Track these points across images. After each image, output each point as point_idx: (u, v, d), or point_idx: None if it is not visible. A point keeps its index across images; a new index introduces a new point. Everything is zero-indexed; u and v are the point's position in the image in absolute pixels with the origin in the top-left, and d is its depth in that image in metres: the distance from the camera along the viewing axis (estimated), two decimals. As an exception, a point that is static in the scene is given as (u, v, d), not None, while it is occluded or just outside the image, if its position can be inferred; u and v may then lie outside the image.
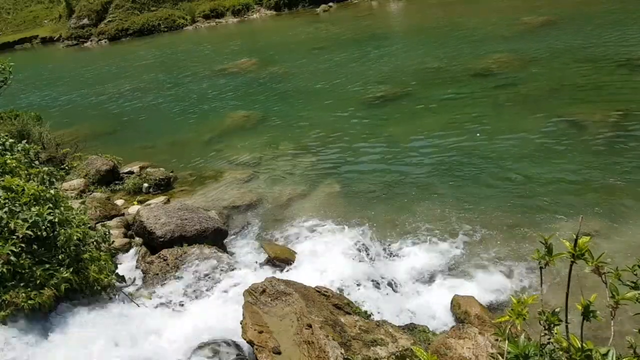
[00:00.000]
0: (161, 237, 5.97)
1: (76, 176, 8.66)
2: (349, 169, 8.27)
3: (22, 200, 4.49)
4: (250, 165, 9.01)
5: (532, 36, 14.18)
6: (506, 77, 11.04)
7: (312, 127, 10.43)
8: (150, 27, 33.57)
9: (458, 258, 5.64)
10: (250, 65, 17.28)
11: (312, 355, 3.66)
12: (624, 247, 5.22)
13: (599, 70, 10.38)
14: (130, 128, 13.06)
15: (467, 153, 7.97)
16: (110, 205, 7.54)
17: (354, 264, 5.53)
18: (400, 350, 3.80)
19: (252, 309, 4.21)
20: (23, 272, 4.14)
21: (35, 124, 10.18)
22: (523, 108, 9.23)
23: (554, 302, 4.39)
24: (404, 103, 10.87)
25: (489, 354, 3.62)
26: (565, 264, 1.71)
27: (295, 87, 13.81)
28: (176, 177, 8.94)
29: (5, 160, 5.47)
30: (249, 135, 10.67)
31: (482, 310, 4.58)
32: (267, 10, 32.09)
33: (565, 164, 7.09)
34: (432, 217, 6.44)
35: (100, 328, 4.29)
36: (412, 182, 7.45)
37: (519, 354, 1.65)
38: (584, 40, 12.63)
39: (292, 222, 6.88)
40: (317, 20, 26.68)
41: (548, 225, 5.80)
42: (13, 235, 4.19)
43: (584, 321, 1.70)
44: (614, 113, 8.18)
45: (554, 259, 1.72)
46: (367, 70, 14.08)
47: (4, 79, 10.06)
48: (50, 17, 41.51)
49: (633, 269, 1.67)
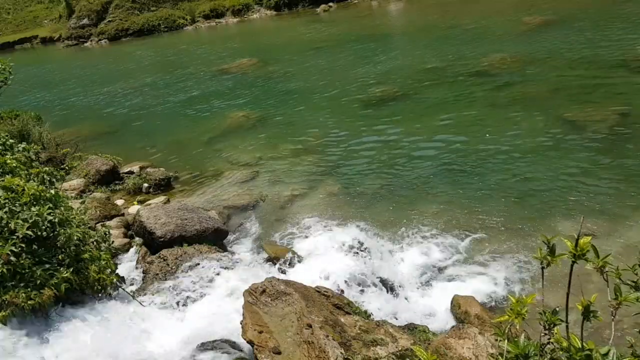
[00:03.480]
0: (161, 237, 5.97)
1: (76, 176, 8.66)
2: (349, 169, 8.27)
3: (22, 200, 4.49)
4: (250, 165, 9.01)
5: (532, 36, 14.17)
6: (506, 77, 11.04)
7: (312, 126, 10.43)
8: (150, 27, 33.58)
9: (458, 258, 5.64)
10: (250, 65, 17.29)
11: (312, 355, 3.66)
12: (624, 247, 5.22)
13: (599, 70, 10.38)
14: (130, 128, 13.06)
15: (466, 153, 7.97)
16: (110, 205, 7.54)
17: (354, 264, 5.53)
18: (400, 350, 3.80)
19: (252, 309, 4.21)
20: (23, 272, 4.14)
21: (35, 124, 10.19)
22: (523, 108, 9.23)
23: (554, 302, 4.40)
24: (403, 103, 10.87)
25: (489, 354, 3.62)
26: (566, 264, 1.71)
27: (295, 87, 13.81)
28: (176, 177, 8.94)
29: (6, 160, 5.47)
30: (249, 135, 10.67)
31: (482, 310, 4.59)
32: (267, 10, 32.09)
33: (565, 164, 7.08)
34: (432, 217, 6.44)
35: (101, 328, 4.29)
36: (411, 182, 7.45)
37: (519, 353, 1.65)
38: (584, 40, 12.62)
39: (292, 222, 6.88)
40: (317, 20, 26.68)
41: (548, 225, 5.80)
42: (13, 235, 4.19)
43: (584, 321, 1.70)
44: (614, 113, 8.18)
45: (556, 259, 1.72)
46: (366, 70, 14.07)
47: (4, 79, 10.06)
48: (50, 17, 41.53)
49: (633, 269, 1.67)
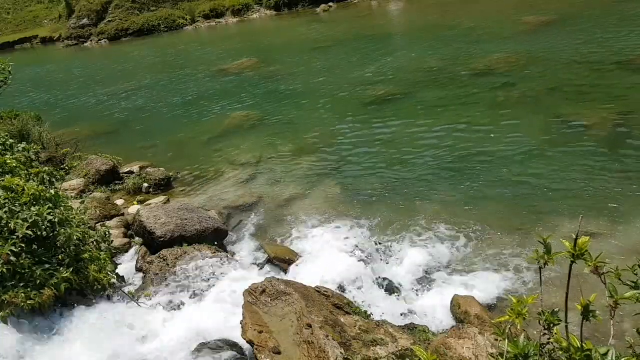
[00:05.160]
0: (161, 237, 5.97)
1: (76, 176, 8.66)
2: (349, 169, 8.27)
3: (22, 200, 4.49)
4: (250, 165, 9.01)
5: (532, 36, 14.16)
6: (506, 77, 11.03)
7: (312, 126, 10.43)
8: (150, 27, 33.57)
9: (458, 258, 5.64)
10: (250, 65, 17.28)
11: (312, 355, 3.66)
12: (624, 247, 5.22)
13: (600, 70, 10.38)
14: (130, 128, 13.06)
15: (466, 153, 7.96)
16: (110, 205, 7.54)
17: (354, 264, 5.53)
18: (400, 350, 3.80)
19: (252, 309, 4.21)
20: (23, 272, 4.14)
21: (35, 124, 10.19)
22: (523, 108, 9.23)
23: (554, 302, 4.40)
24: (404, 103, 10.86)
25: (489, 354, 3.62)
26: (565, 264, 1.71)
27: (295, 87, 13.80)
28: (176, 177, 8.94)
29: (6, 160, 5.47)
30: (249, 135, 10.67)
31: (482, 310, 4.58)
32: (267, 10, 32.08)
33: (564, 164, 7.08)
34: (431, 217, 6.44)
35: (100, 328, 4.29)
36: (411, 182, 7.45)
37: (519, 354, 1.65)
38: (584, 41, 12.61)
39: (292, 222, 6.88)
40: (317, 20, 26.67)
41: (548, 225, 5.80)
42: (13, 235, 4.19)
43: (584, 321, 1.70)
44: (614, 113, 8.18)
45: (553, 259, 1.72)
46: (366, 70, 14.07)
47: (4, 79, 10.06)
48: (50, 17, 41.54)
49: (633, 269, 1.67)
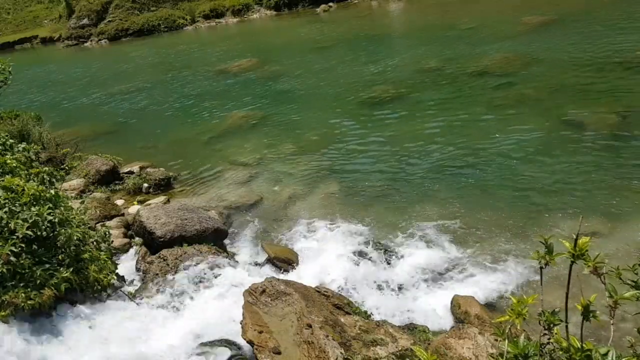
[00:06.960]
0: (161, 237, 5.97)
1: (76, 176, 8.66)
2: (349, 169, 8.27)
3: (22, 200, 4.49)
4: (250, 165, 9.01)
5: (532, 36, 14.17)
6: (506, 77, 11.03)
7: (312, 127, 10.43)
8: (150, 27, 33.59)
9: (458, 258, 5.64)
10: (250, 66, 17.29)
11: (312, 355, 3.66)
12: (625, 247, 5.22)
13: (600, 70, 10.38)
14: (130, 128, 13.06)
15: (466, 153, 7.96)
16: (110, 205, 7.54)
17: (354, 264, 5.53)
18: (400, 350, 3.80)
19: (252, 309, 4.21)
20: (23, 272, 4.13)
21: (35, 124, 10.19)
22: (523, 108, 9.23)
23: (554, 302, 4.39)
24: (403, 103, 10.86)
25: (489, 354, 3.62)
26: (565, 263, 1.71)
27: (295, 87, 13.81)
28: (176, 177, 8.94)
29: (6, 160, 5.47)
30: (249, 135, 10.67)
31: (482, 310, 4.58)
32: (267, 10, 32.08)
33: (564, 164, 7.09)
34: (431, 217, 6.44)
35: (100, 328, 4.29)
36: (411, 182, 7.45)
37: (519, 354, 1.65)
38: (584, 40, 12.62)
39: (292, 222, 6.88)
40: (317, 20, 26.68)
41: (548, 225, 5.80)
42: (13, 235, 4.19)
43: (584, 321, 1.70)
44: (614, 113, 8.18)
45: (553, 259, 1.72)
46: (367, 70, 14.07)
47: (4, 79, 10.06)
48: (50, 17, 41.56)
49: (634, 269, 1.67)
